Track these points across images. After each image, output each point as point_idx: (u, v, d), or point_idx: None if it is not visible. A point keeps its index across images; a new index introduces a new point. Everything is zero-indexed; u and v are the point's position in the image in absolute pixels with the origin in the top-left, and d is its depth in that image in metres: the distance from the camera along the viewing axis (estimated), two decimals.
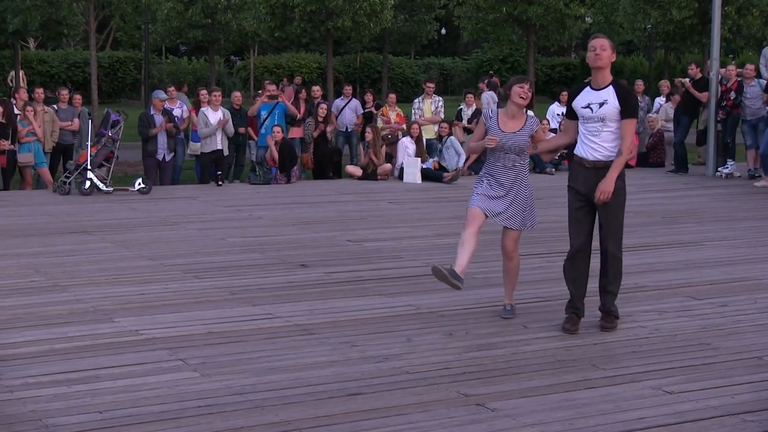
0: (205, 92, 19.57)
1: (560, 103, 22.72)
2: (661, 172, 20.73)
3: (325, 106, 20.91)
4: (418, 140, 19.76)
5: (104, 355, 7.39)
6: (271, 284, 9.89)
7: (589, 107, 8.01)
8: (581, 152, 8.10)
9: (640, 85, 23.41)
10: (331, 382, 6.77)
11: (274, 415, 6.11)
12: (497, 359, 7.36)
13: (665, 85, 23.14)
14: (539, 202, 14.89)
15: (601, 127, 7.96)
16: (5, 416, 6.04)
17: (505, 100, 8.51)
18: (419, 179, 19.15)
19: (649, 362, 7.27)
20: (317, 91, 22.25)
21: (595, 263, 8.27)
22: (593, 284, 8.31)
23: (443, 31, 64.67)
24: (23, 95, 19.07)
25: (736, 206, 15.81)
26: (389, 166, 19.76)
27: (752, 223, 14.02)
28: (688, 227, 13.61)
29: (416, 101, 21.52)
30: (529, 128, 8.34)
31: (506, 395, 6.51)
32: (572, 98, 8.22)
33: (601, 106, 7.95)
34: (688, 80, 20.67)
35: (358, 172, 19.79)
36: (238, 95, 20.75)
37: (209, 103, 18.92)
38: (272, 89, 20.43)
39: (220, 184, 18.41)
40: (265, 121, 19.77)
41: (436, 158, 19.92)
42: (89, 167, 16.88)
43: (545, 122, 20.53)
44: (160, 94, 18.72)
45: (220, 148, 18.79)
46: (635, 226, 13.07)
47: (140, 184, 17.20)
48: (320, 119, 20.36)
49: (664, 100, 22.88)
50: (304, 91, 21.49)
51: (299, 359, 7.31)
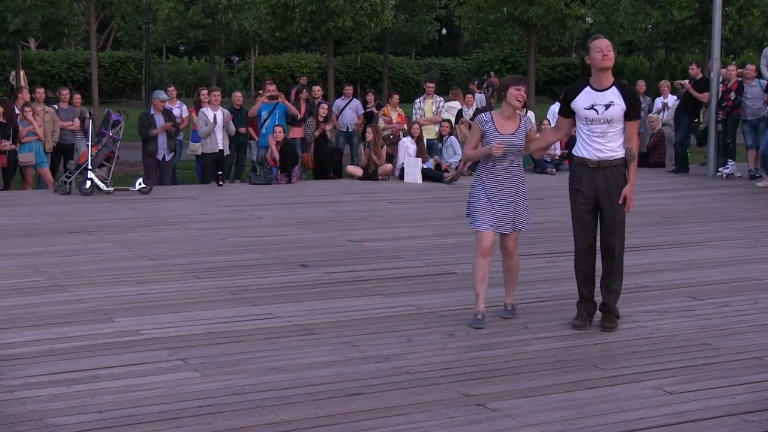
0: (205, 92, 19.57)
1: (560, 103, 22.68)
2: (661, 172, 20.72)
3: (326, 106, 20.91)
4: (418, 140, 19.76)
5: (104, 355, 7.38)
6: (271, 284, 9.89)
7: (593, 109, 7.97)
8: (584, 153, 8.08)
9: (641, 85, 23.39)
10: (331, 382, 6.77)
11: (274, 415, 6.11)
12: (498, 359, 7.35)
13: (665, 85, 23.10)
14: (540, 202, 14.96)
15: (607, 128, 7.95)
16: (5, 416, 6.04)
17: (499, 100, 8.40)
18: (420, 179, 19.15)
19: (649, 362, 7.26)
20: (318, 91, 22.27)
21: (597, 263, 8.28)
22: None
23: (444, 31, 64.68)
24: (25, 95, 19.05)
25: (736, 206, 15.80)
26: (390, 166, 19.76)
27: (753, 223, 14.02)
28: (688, 227, 13.61)
29: (417, 101, 21.54)
30: (524, 128, 8.28)
31: (507, 395, 6.50)
32: (570, 97, 8.16)
33: (607, 108, 7.92)
34: (687, 81, 20.65)
35: (358, 172, 19.79)
36: (238, 95, 20.76)
37: (209, 103, 18.93)
38: (272, 89, 20.42)
39: (220, 184, 18.41)
40: (265, 121, 19.77)
41: (437, 156, 19.91)
42: (90, 167, 16.88)
43: (546, 122, 20.52)
44: (160, 94, 18.71)
45: (221, 148, 18.80)
46: (636, 226, 13.06)
47: (141, 184, 17.20)
48: (321, 119, 20.36)
49: (670, 100, 22.72)
50: (305, 91, 21.46)
51: (299, 359, 7.30)
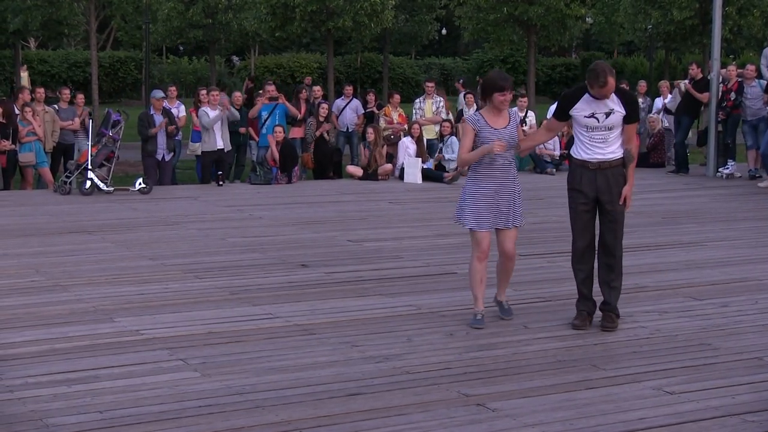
0: (204, 92, 19.57)
1: None
2: (661, 172, 20.72)
3: (326, 106, 20.92)
4: (418, 140, 19.75)
5: (104, 354, 7.38)
6: (271, 284, 9.89)
7: (594, 117, 8.00)
8: (583, 156, 8.10)
9: (642, 86, 23.40)
10: (331, 382, 6.77)
11: (274, 415, 6.11)
12: (498, 359, 7.35)
13: (665, 85, 23.10)
14: (540, 202, 14.96)
15: (608, 134, 8.02)
16: (5, 416, 6.04)
17: (484, 100, 8.32)
18: (420, 179, 19.15)
19: (649, 362, 7.26)
20: (318, 91, 22.28)
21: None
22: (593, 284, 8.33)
23: (444, 31, 64.70)
24: (26, 96, 19.03)
25: (736, 206, 15.80)
26: (390, 166, 19.76)
27: (753, 223, 14.01)
28: (688, 227, 13.61)
29: (417, 101, 21.53)
30: (514, 122, 8.28)
31: (507, 395, 6.50)
32: (569, 104, 8.13)
33: (608, 116, 7.98)
34: (686, 81, 20.63)
35: (358, 172, 19.79)
36: (238, 95, 20.81)
37: (208, 102, 18.94)
38: (271, 90, 20.40)
39: (220, 184, 18.41)
40: (266, 121, 19.76)
41: (438, 153, 19.89)
42: (90, 167, 16.88)
43: (546, 123, 20.48)
44: (157, 93, 18.78)
45: (221, 147, 18.79)
46: (636, 226, 13.07)
47: (141, 184, 17.20)
48: (321, 119, 20.37)
49: (666, 99, 22.71)
50: (304, 91, 21.46)
51: (299, 359, 7.30)
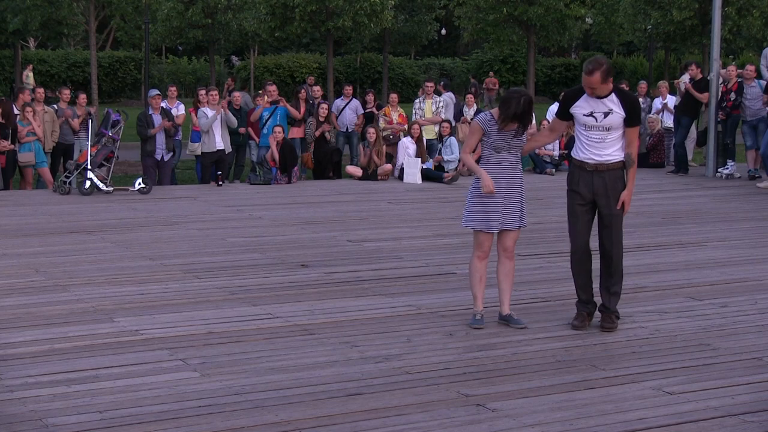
0: (203, 92, 19.58)
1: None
2: (661, 172, 20.72)
3: (325, 106, 20.92)
4: (418, 140, 19.75)
5: (104, 354, 7.39)
6: (271, 284, 9.89)
7: (592, 116, 7.97)
8: (581, 156, 8.09)
9: (643, 86, 23.40)
10: (331, 382, 6.77)
11: (274, 415, 6.11)
12: (497, 359, 7.35)
13: (663, 86, 23.09)
14: (539, 202, 14.96)
15: (606, 135, 7.98)
16: (5, 416, 6.04)
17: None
18: (419, 179, 19.15)
19: (649, 363, 7.26)
20: (317, 91, 22.28)
21: (595, 264, 8.29)
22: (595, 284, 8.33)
23: (443, 31, 64.71)
24: (26, 96, 19.02)
25: (736, 207, 15.80)
26: (389, 166, 19.76)
27: (752, 223, 14.02)
28: (688, 228, 13.61)
29: (417, 101, 21.52)
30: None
31: (506, 395, 6.50)
32: (570, 101, 8.14)
33: (606, 115, 7.94)
34: (687, 81, 20.62)
35: (358, 172, 19.79)
36: (237, 95, 20.78)
37: (207, 102, 18.97)
38: (272, 90, 20.37)
39: (220, 184, 18.41)
40: (267, 121, 19.75)
41: (437, 155, 19.89)
42: (89, 167, 16.88)
43: (545, 122, 20.53)
44: (151, 91, 18.94)
45: (221, 147, 18.82)
46: (636, 226, 13.08)
47: (140, 184, 17.20)
48: (321, 119, 20.37)
49: (669, 100, 22.64)
50: (304, 91, 21.45)
51: (299, 359, 7.30)
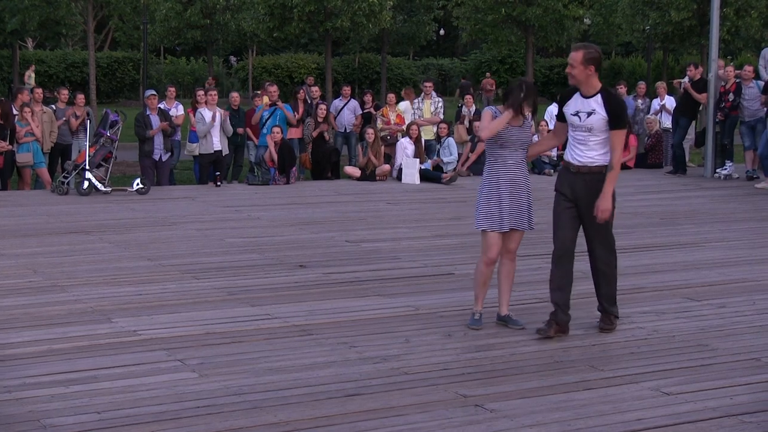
0: (201, 92, 19.58)
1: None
2: (659, 173, 20.73)
3: (324, 106, 20.91)
4: (416, 141, 19.76)
5: (103, 355, 7.38)
6: (269, 285, 9.89)
7: (577, 115, 7.91)
8: (568, 156, 8.05)
9: (642, 86, 23.41)
10: (329, 382, 6.77)
11: (272, 415, 6.11)
12: (496, 360, 7.36)
13: (662, 87, 23.09)
14: (538, 202, 14.91)
15: (588, 136, 7.85)
16: (4, 416, 6.04)
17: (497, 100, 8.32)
18: (418, 180, 19.15)
19: (647, 363, 7.27)
20: (316, 91, 22.27)
21: (584, 267, 8.29)
22: (589, 285, 8.32)
23: (442, 31, 64.70)
24: (24, 96, 19.01)
25: (734, 207, 15.81)
26: (388, 166, 19.77)
27: (750, 224, 14.02)
28: (686, 228, 13.61)
29: (415, 102, 21.52)
30: (528, 124, 8.24)
31: (505, 396, 6.51)
32: (563, 102, 8.10)
33: (589, 115, 7.82)
34: (687, 80, 20.62)
35: (356, 172, 19.79)
36: (235, 96, 20.78)
37: (206, 103, 18.98)
38: (273, 90, 20.31)
39: (218, 184, 18.41)
40: (266, 121, 19.73)
41: (435, 156, 19.89)
42: (88, 167, 16.87)
43: (543, 123, 20.54)
44: (148, 92, 18.98)
45: (219, 148, 18.85)
46: (634, 227, 13.07)
47: (138, 184, 17.19)
48: (320, 120, 20.37)
49: (667, 101, 22.65)
50: (302, 91, 21.44)
51: (298, 360, 7.30)
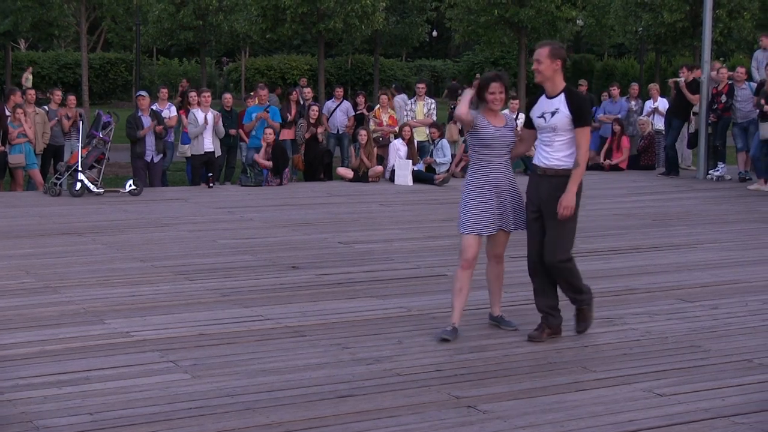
0: (194, 93, 19.57)
1: None
2: (652, 174, 20.75)
3: (316, 107, 20.91)
4: (409, 142, 19.76)
5: (95, 356, 7.37)
6: (262, 286, 9.88)
7: (543, 116, 7.82)
8: (535, 159, 7.94)
9: (635, 87, 23.43)
10: (322, 384, 6.77)
11: (265, 416, 6.11)
12: (488, 361, 7.36)
13: (654, 88, 23.12)
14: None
15: (553, 136, 7.73)
16: None
17: (480, 99, 8.12)
18: (410, 181, 19.15)
19: (640, 364, 7.27)
20: (308, 92, 22.27)
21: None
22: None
23: (434, 33, 64.77)
24: (18, 98, 18.98)
25: (726, 209, 15.83)
26: (380, 168, 19.77)
27: (743, 225, 14.05)
28: (678, 230, 13.63)
29: (408, 103, 21.53)
30: (511, 123, 8.09)
31: (497, 397, 6.51)
32: (530, 108, 8.03)
33: (553, 115, 7.73)
34: (682, 80, 20.62)
35: (349, 174, 19.80)
36: (228, 97, 20.77)
37: (199, 104, 18.98)
38: (263, 94, 20.26)
39: (211, 185, 18.40)
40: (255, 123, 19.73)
41: (429, 157, 19.90)
42: (80, 169, 16.86)
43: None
44: (140, 92, 19.03)
45: (211, 150, 18.85)
46: (626, 228, 13.10)
47: (131, 185, 17.17)
48: (312, 121, 20.37)
49: (660, 103, 22.68)
50: (295, 92, 21.43)
51: (290, 361, 7.30)
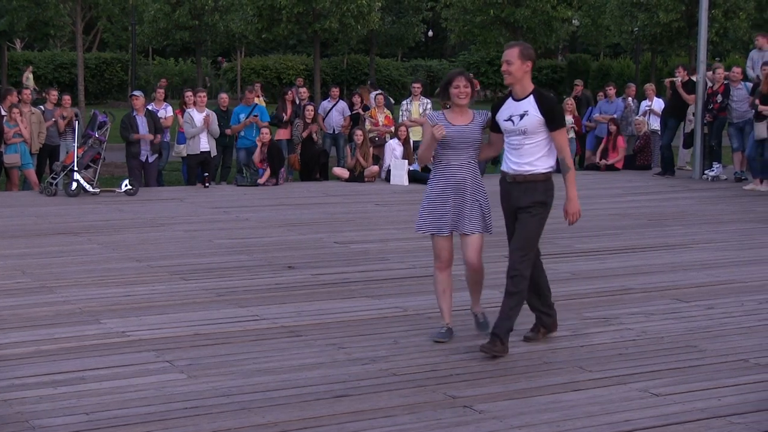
0: (190, 93, 19.57)
1: None
2: (647, 174, 20.75)
3: (311, 107, 20.89)
4: (405, 142, 19.77)
5: (91, 356, 7.37)
6: (257, 286, 9.88)
7: (510, 119, 7.50)
8: (503, 166, 7.67)
9: (632, 88, 23.44)
10: (317, 383, 6.76)
11: (260, 416, 6.11)
12: (484, 361, 7.34)
13: (650, 89, 23.14)
14: None
15: (522, 139, 7.45)
16: None
17: (444, 98, 7.98)
18: (406, 181, 19.15)
19: (635, 364, 7.27)
20: (304, 92, 22.26)
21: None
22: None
23: (430, 33, 64.75)
24: (13, 97, 18.96)
25: (722, 209, 15.84)
26: (376, 168, 19.77)
27: (738, 225, 14.06)
28: (674, 230, 13.63)
29: (404, 103, 21.53)
30: (480, 121, 7.72)
31: (493, 397, 6.51)
32: (495, 111, 7.71)
33: (522, 117, 7.44)
34: (678, 79, 20.63)
35: (345, 174, 19.80)
36: (224, 97, 20.78)
37: (195, 104, 18.98)
38: (251, 98, 20.20)
39: (207, 185, 18.39)
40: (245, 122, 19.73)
41: None
42: (76, 168, 16.85)
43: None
44: (134, 92, 19.06)
45: (206, 149, 18.86)
46: (622, 228, 13.11)
47: (127, 185, 17.16)
48: (308, 121, 20.36)
49: (655, 103, 22.71)
50: (291, 92, 21.41)
51: (286, 361, 7.30)
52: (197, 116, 18.75)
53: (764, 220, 14.51)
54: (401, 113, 21.19)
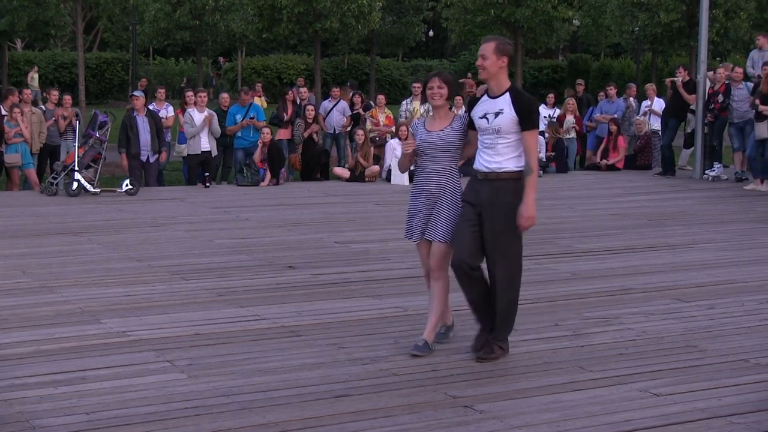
0: (191, 93, 19.57)
1: (547, 105, 22.78)
2: (648, 174, 20.75)
3: (311, 107, 20.90)
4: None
5: (91, 356, 7.37)
6: (258, 286, 9.88)
7: (485, 117, 7.29)
8: (475, 164, 7.48)
9: (632, 88, 23.44)
10: (318, 383, 6.76)
11: (261, 416, 6.11)
12: (484, 361, 7.34)
13: (651, 88, 23.14)
14: None
15: (496, 138, 7.24)
16: None
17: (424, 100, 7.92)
18: (407, 181, 19.12)
19: (636, 364, 7.27)
20: (304, 92, 22.27)
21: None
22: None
23: (431, 33, 64.74)
24: (14, 97, 18.97)
25: (722, 209, 15.84)
26: (377, 168, 19.78)
27: (739, 225, 14.05)
28: (675, 230, 13.63)
29: (404, 103, 21.54)
30: (459, 125, 7.56)
31: (494, 397, 6.51)
32: (471, 107, 7.58)
33: (497, 116, 7.22)
34: (679, 79, 20.62)
35: (345, 173, 19.80)
36: (225, 96, 20.81)
37: (195, 104, 18.99)
38: (246, 98, 20.21)
39: (207, 185, 18.40)
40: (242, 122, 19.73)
41: None
42: (76, 168, 16.85)
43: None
44: (134, 93, 19.07)
45: (207, 149, 18.86)
46: (622, 228, 13.11)
47: (127, 185, 17.17)
48: (308, 121, 20.37)
49: (656, 103, 22.72)
50: (292, 92, 21.41)
51: (286, 361, 7.30)
52: (197, 116, 18.76)
53: (764, 220, 14.51)
54: (402, 113, 21.18)
